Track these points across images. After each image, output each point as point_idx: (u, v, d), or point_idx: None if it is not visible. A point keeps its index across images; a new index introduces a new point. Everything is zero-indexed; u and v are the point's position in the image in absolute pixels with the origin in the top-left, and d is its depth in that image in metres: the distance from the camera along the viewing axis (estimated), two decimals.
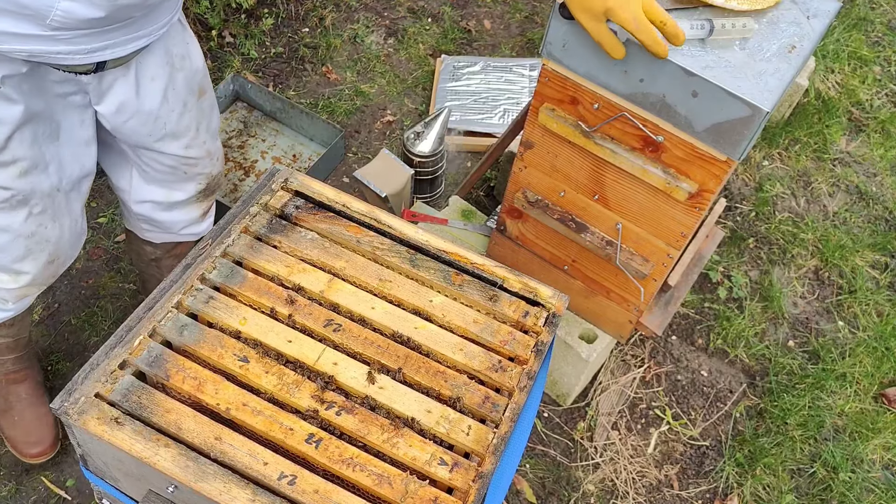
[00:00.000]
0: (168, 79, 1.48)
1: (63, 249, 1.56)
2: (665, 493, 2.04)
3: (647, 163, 1.51)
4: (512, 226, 1.91)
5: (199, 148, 1.63)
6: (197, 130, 1.60)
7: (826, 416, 2.17)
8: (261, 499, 0.93)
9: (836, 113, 2.88)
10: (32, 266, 1.52)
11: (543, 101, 1.58)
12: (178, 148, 1.59)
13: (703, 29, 1.36)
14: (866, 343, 2.33)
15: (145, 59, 1.42)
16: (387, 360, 1.08)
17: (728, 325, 2.33)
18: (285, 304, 1.12)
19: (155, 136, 1.54)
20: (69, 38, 1.21)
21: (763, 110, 1.31)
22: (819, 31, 1.45)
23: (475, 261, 1.20)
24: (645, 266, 1.71)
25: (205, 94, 1.60)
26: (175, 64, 1.48)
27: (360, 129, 2.72)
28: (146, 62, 1.43)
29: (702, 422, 2.17)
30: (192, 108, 1.56)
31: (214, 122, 1.67)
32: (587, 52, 1.43)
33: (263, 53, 2.87)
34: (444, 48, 2.96)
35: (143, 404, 1.00)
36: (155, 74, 1.45)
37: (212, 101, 1.64)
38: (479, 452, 1.02)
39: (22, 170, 1.37)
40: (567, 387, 2.10)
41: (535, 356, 1.12)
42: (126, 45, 1.30)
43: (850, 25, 3.14)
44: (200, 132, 1.61)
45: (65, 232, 1.53)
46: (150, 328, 1.07)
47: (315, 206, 1.25)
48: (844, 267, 2.50)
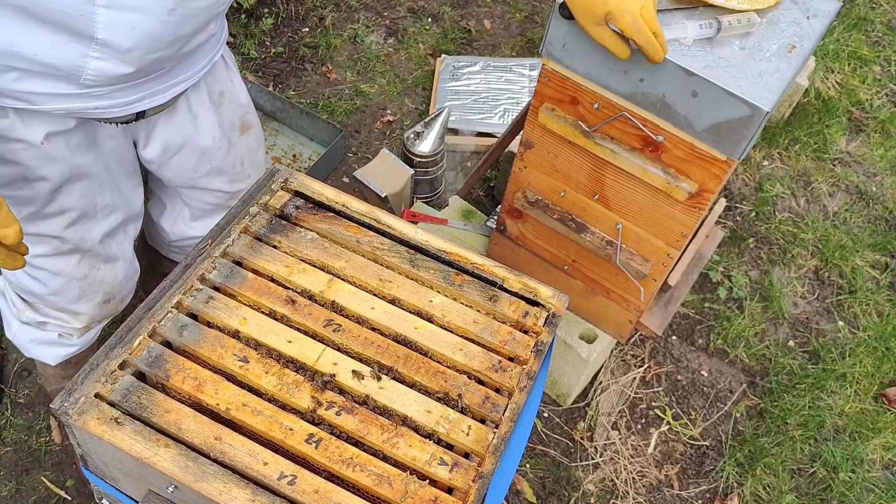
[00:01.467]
0: (212, 115, 1.47)
1: (117, 289, 1.56)
2: (665, 493, 2.04)
3: (647, 163, 1.51)
4: (512, 226, 1.91)
5: (244, 182, 1.62)
6: (242, 165, 1.60)
7: (826, 416, 2.17)
8: (261, 499, 0.93)
9: (836, 113, 2.87)
10: (88, 307, 1.53)
11: (543, 100, 1.58)
12: (222, 183, 1.58)
13: (710, 28, 1.36)
14: (866, 343, 2.33)
15: (189, 97, 1.42)
16: (387, 360, 1.08)
17: (728, 325, 2.33)
18: (285, 305, 1.12)
19: (200, 173, 1.53)
20: (105, 94, 1.21)
21: (763, 110, 1.31)
22: (819, 31, 1.45)
23: (475, 261, 1.20)
24: (645, 266, 1.70)
25: (249, 130, 1.59)
26: (215, 101, 1.47)
27: (360, 129, 2.72)
28: (190, 99, 1.42)
29: (702, 422, 2.17)
30: (237, 144, 1.56)
31: (260, 156, 1.67)
32: (587, 52, 1.43)
33: (263, 53, 2.87)
34: (444, 48, 2.96)
35: (143, 404, 1.00)
36: (198, 111, 1.45)
37: (258, 135, 1.63)
38: (479, 452, 1.02)
39: (71, 220, 1.37)
40: (567, 387, 2.10)
41: (535, 356, 1.12)
42: (164, 92, 1.30)
43: (850, 25, 3.14)
44: (246, 166, 1.61)
45: (118, 273, 1.53)
46: (150, 328, 1.07)
47: (315, 206, 1.25)
48: (844, 267, 2.50)
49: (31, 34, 1.09)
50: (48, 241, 1.39)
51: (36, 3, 1.05)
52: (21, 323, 1.57)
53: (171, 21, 1.15)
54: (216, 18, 1.27)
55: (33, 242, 1.37)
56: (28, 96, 1.17)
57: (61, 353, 1.62)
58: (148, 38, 1.14)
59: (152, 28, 1.13)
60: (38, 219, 1.34)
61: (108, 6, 1.07)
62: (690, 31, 1.35)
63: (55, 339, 1.58)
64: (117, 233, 1.50)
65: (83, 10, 1.07)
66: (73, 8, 1.06)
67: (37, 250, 1.39)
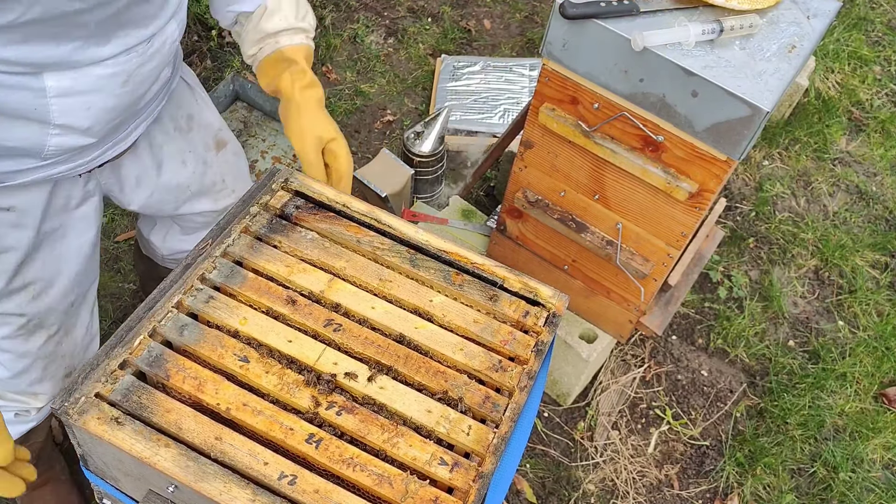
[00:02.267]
0: (182, 142, 1.45)
1: (78, 360, 1.51)
2: (665, 493, 2.04)
3: (647, 163, 1.51)
4: (512, 226, 1.91)
5: (230, 197, 1.60)
6: (224, 181, 1.57)
7: (826, 415, 2.17)
8: (261, 499, 0.93)
9: (836, 113, 2.88)
10: (50, 385, 1.47)
11: (543, 100, 1.58)
12: (207, 204, 1.56)
13: (714, 32, 1.37)
14: (866, 343, 2.33)
15: (151, 131, 1.39)
16: (387, 360, 1.08)
17: (728, 325, 2.33)
18: (285, 304, 1.12)
19: (181, 201, 1.51)
20: (67, 159, 1.20)
21: (763, 110, 1.31)
22: (819, 31, 1.45)
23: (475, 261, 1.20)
24: (645, 266, 1.70)
25: (226, 146, 1.56)
26: (182, 126, 1.45)
27: (360, 129, 2.72)
28: (153, 133, 1.40)
29: (702, 421, 2.17)
30: (214, 163, 1.53)
31: (242, 168, 1.64)
32: (587, 52, 1.43)
33: None
34: (444, 48, 2.96)
35: (144, 404, 1.00)
36: (164, 141, 1.42)
37: (235, 149, 1.60)
38: (479, 452, 1.02)
39: (35, 293, 1.33)
40: (567, 387, 2.10)
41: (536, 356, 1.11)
42: (126, 140, 1.29)
43: (850, 25, 3.14)
44: (228, 182, 1.58)
45: (78, 343, 1.49)
46: (151, 328, 1.07)
47: (315, 205, 1.25)
48: (844, 267, 2.50)
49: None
50: (12, 321, 1.33)
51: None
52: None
53: (125, 92, 1.15)
54: (169, 65, 1.25)
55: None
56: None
57: (18, 431, 1.54)
58: (105, 113, 1.15)
59: (107, 104, 1.14)
60: (3, 297, 1.30)
61: (61, 95, 1.07)
62: (692, 36, 1.35)
63: (11, 417, 1.50)
64: (80, 301, 1.45)
65: (36, 104, 1.07)
66: (25, 104, 1.06)
67: (1, 332, 1.34)
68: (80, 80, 1.09)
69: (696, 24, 1.35)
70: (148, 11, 1.12)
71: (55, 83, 1.07)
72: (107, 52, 1.09)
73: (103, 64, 1.10)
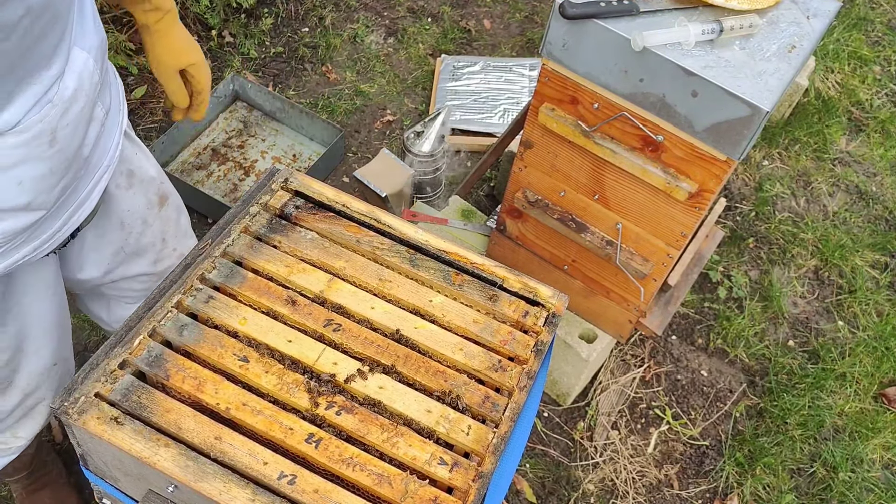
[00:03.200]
0: (119, 203, 1.31)
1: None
2: (665, 493, 2.04)
3: (647, 163, 1.51)
4: (512, 226, 1.91)
5: (170, 258, 1.47)
6: (164, 241, 1.44)
7: (826, 415, 2.17)
8: (261, 498, 0.93)
9: (836, 113, 2.88)
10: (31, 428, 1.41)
11: (543, 100, 1.58)
12: (146, 266, 1.43)
13: (714, 32, 1.37)
14: (866, 343, 2.33)
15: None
16: (387, 360, 1.08)
17: (728, 325, 2.33)
18: (285, 304, 1.12)
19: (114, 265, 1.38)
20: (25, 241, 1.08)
21: (763, 110, 1.31)
22: (819, 31, 1.45)
23: (475, 261, 1.20)
24: (645, 266, 1.70)
25: (167, 201, 1.42)
26: (122, 184, 1.30)
27: (360, 129, 2.72)
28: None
29: (702, 421, 2.17)
30: (154, 221, 1.40)
31: (183, 222, 1.50)
32: (587, 52, 1.43)
33: (263, 53, 2.86)
34: (444, 48, 2.96)
35: (143, 404, 1.00)
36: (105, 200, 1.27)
37: (177, 202, 1.46)
38: (478, 452, 1.02)
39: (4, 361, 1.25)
40: (567, 386, 2.10)
41: (535, 356, 1.12)
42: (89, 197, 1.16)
43: (850, 25, 3.14)
44: (168, 241, 1.45)
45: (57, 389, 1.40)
46: (150, 328, 1.07)
47: (315, 205, 1.25)
48: (844, 267, 2.50)
49: None
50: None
51: None
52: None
53: (56, 152, 0.99)
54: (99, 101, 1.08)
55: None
56: None
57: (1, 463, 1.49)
58: (42, 180, 0.99)
59: (41, 170, 0.98)
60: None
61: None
62: (692, 36, 1.35)
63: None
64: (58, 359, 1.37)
65: None
66: None
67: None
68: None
69: (695, 24, 1.35)
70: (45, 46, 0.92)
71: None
72: (16, 115, 0.92)
73: (17, 130, 0.92)
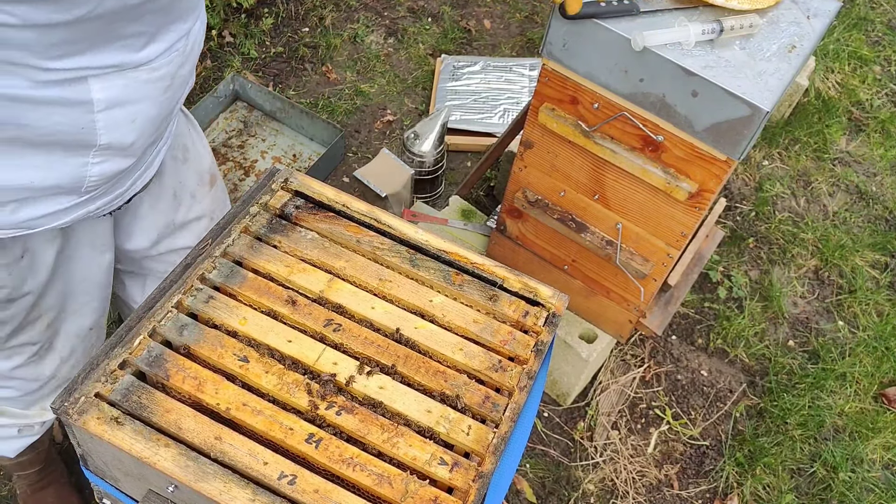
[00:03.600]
0: (174, 174, 1.38)
1: None
2: (665, 493, 2.04)
3: (647, 162, 1.51)
4: (512, 226, 1.91)
5: None
6: (211, 220, 1.49)
7: (826, 415, 2.17)
8: (261, 498, 0.93)
9: (836, 113, 2.88)
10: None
11: (543, 100, 1.58)
12: (191, 240, 1.47)
13: (714, 32, 1.37)
14: (866, 343, 2.33)
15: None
16: (387, 360, 1.08)
17: (728, 325, 2.33)
18: (285, 304, 1.12)
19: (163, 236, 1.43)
20: (103, 192, 1.14)
21: (763, 110, 1.31)
22: (819, 31, 1.45)
23: (475, 261, 1.20)
24: (645, 266, 1.70)
25: (216, 182, 1.50)
26: (179, 157, 1.38)
27: (360, 128, 2.72)
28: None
29: (702, 421, 2.17)
30: (203, 199, 1.46)
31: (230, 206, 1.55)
32: (587, 52, 1.43)
33: (263, 53, 2.87)
34: (444, 48, 2.96)
35: (144, 404, 1.00)
36: (160, 171, 1.34)
37: (223, 186, 1.54)
38: (479, 452, 1.02)
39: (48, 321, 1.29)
40: (567, 386, 2.10)
41: (535, 356, 1.11)
42: (153, 164, 1.22)
43: (850, 25, 3.14)
44: (215, 220, 1.49)
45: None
46: (150, 328, 1.07)
47: (315, 205, 1.25)
48: (844, 267, 2.50)
49: (22, 163, 1.00)
50: (25, 351, 1.30)
51: (28, 131, 0.96)
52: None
53: (166, 97, 1.09)
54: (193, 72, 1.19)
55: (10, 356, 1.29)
56: (26, 223, 1.08)
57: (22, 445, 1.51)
58: (149, 124, 1.08)
59: (152, 113, 1.07)
60: (18, 332, 1.26)
61: (108, 108, 1.00)
62: (693, 36, 1.35)
63: (14, 433, 1.48)
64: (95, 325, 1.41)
65: (82, 121, 0.99)
66: (70, 124, 0.98)
67: (14, 362, 1.31)
68: (128, 88, 1.01)
69: (696, 25, 1.35)
70: (190, 1, 1.05)
71: (103, 94, 0.98)
72: (154, 52, 1.02)
73: (150, 66, 1.02)
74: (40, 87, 0.93)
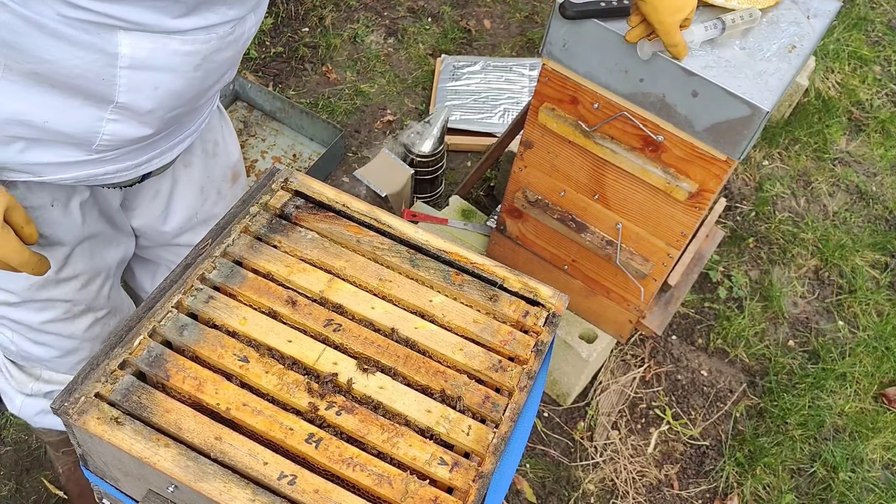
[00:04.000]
0: (203, 167, 1.40)
1: None
2: (665, 493, 2.04)
3: (647, 162, 1.51)
4: (512, 226, 1.91)
5: None
6: None
7: (826, 415, 2.17)
8: (261, 498, 0.93)
9: (836, 113, 2.87)
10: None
11: (543, 100, 1.58)
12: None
13: (716, 28, 1.37)
14: (866, 343, 2.33)
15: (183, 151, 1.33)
16: (387, 360, 1.08)
17: (728, 325, 2.33)
18: (285, 304, 1.12)
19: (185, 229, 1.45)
20: (115, 158, 1.13)
21: (763, 110, 1.31)
22: (819, 31, 1.45)
23: (475, 260, 1.20)
24: (645, 266, 1.70)
25: (239, 178, 1.50)
26: (209, 150, 1.40)
27: (360, 128, 2.72)
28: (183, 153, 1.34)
29: (702, 421, 2.17)
30: (226, 195, 1.48)
31: None
32: (587, 52, 1.43)
33: (263, 53, 2.86)
34: (444, 48, 2.96)
35: (144, 404, 1.00)
36: (190, 162, 1.37)
37: (243, 183, 1.54)
38: (479, 452, 1.02)
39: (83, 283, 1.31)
40: (567, 386, 2.10)
41: (535, 356, 1.11)
42: (172, 150, 1.22)
43: (850, 25, 3.14)
44: None
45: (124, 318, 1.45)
46: (150, 328, 1.07)
47: (315, 205, 1.25)
48: (844, 267, 2.50)
49: (41, 100, 0.99)
50: (58, 306, 1.31)
51: (50, 68, 0.95)
52: (25, 396, 1.46)
53: (195, 76, 1.06)
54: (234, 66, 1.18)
55: (41, 308, 1.30)
56: (33, 167, 1.08)
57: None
58: (170, 97, 1.06)
59: (176, 86, 1.05)
60: (50, 285, 1.27)
61: (133, 67, 0.98)
62: (697, 35, 1.35)
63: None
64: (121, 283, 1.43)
65: (104, 73, 0.97)
66: (93, 71, 0.97)
67: (45, 316, 1.31)
68: (156, 53, 0.99)
69: (698, 25, 1.35)
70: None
71: (130, 50, 0.96)
72: (189, 24, 0.99)
73: (182, 37, 1.00)
74: (68, 24, 0.92)
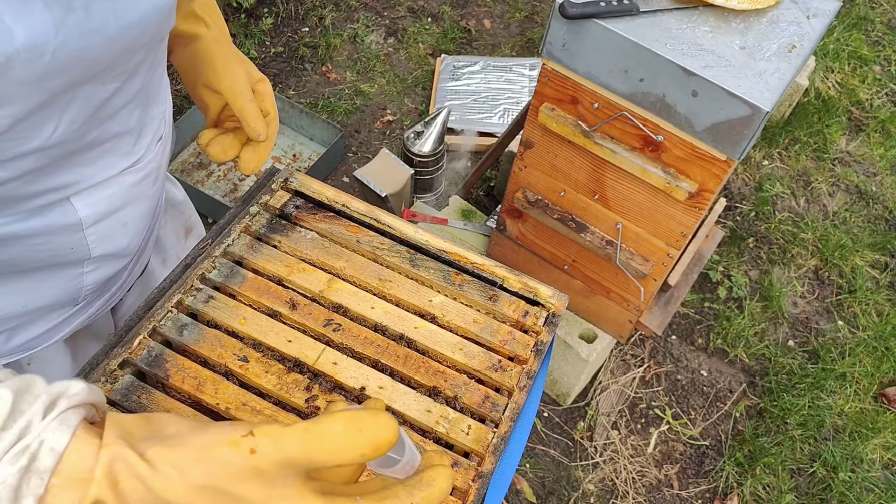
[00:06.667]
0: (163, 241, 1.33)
1: None
2: (665, 493, 2.04)
3: (647, 162, 1.51)
4: (512, 225, 1.91)
5: None
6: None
7: (826, 415, 2.17)
8: None
9: (836, 112, 2.88)
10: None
11: (543, 100, 1.58)
12: None
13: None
14: (866, 343, 2.33)
15: None
16: (386, 360, 1.08)
17: (728, 325, 2.33)
18: (285, 304, 1.12)
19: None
20: (98, 294, 1.09)
21: (763, 110, 1.31)
22: (819, 31, 1.45)
23: (475, 260, 1.20)
24: (645, 266, 1.70)
25: (192, 231, 1.40)
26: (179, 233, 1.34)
27: (360, 128, 2.72)
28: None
29: (702, 421, 2.17)
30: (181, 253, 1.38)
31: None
32: (587, 51, 1.43)
33: (263, 53, 2.87)
34: (444, 48, 2.96)
35: (143, 404, 1.00)
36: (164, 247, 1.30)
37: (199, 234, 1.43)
38: (478, 452, 1.02)
39: None
40: (567, 386, 2.10)
41: (535, 356, 1.11)
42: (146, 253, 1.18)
43: (850, 25, 3.14)
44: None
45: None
46: (150, 328, 1.07)
47: (315, 205, 1.25)
48: (844, 267, 2.50)
49: (13, 290, 0.94)
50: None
51: (14, 259, 0.88)
52: None
53: (156, 190, 1.03)
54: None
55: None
56: (24, 346, 1.04)
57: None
58: (141, 222, 1.02)
59: (142, 210, 1.01)
60: None
61: (98, 221, 0.92)
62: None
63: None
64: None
65: (72, 241, 0.91)
66: (60, 246, 0.90)
67: None
68: (114, 197, 0.92)
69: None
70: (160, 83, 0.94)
71: (89, 210, 0.89)
72: (140, 151, 0.92)
73: (135, 168, 0.93)
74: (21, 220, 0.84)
